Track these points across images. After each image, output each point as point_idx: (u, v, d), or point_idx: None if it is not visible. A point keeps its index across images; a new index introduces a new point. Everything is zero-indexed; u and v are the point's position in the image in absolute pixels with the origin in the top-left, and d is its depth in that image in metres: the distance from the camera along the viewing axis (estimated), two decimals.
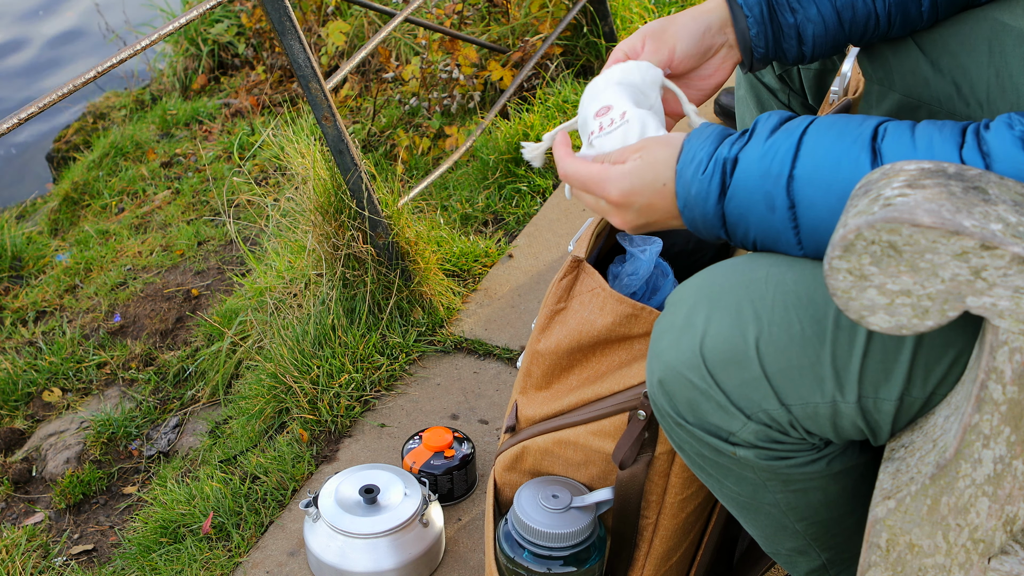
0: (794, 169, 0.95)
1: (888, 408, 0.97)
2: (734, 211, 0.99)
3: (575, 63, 3.13)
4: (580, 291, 1.23)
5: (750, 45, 1.20)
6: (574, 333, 1.23)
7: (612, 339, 1.23)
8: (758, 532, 1.16)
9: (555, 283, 1.24)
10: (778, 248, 0.99)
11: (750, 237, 1.00)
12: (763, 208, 0.97)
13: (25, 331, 2.87)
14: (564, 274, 1.24)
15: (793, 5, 1.19)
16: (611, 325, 1.21)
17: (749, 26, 1.19)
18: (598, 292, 1.22)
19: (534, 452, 1.32)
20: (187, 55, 4.28)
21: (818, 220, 0.95)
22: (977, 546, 0.89)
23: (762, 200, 0.96)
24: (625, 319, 1.21)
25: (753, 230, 0.99)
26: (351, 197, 2.04)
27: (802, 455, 1.03)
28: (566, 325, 1.24)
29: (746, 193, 0.97)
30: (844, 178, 0.93)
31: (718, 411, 1.01)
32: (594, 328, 1.22)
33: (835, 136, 0.95)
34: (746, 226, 0.99)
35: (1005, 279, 0.77)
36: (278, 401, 2.03)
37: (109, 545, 2.12)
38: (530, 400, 1.31)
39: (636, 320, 1.20)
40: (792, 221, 0.96)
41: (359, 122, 3.40)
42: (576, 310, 1.23)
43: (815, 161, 0.95)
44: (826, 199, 0.93)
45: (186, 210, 3.32)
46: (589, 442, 1.28)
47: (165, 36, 1.73)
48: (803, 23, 1.19)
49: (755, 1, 1.18)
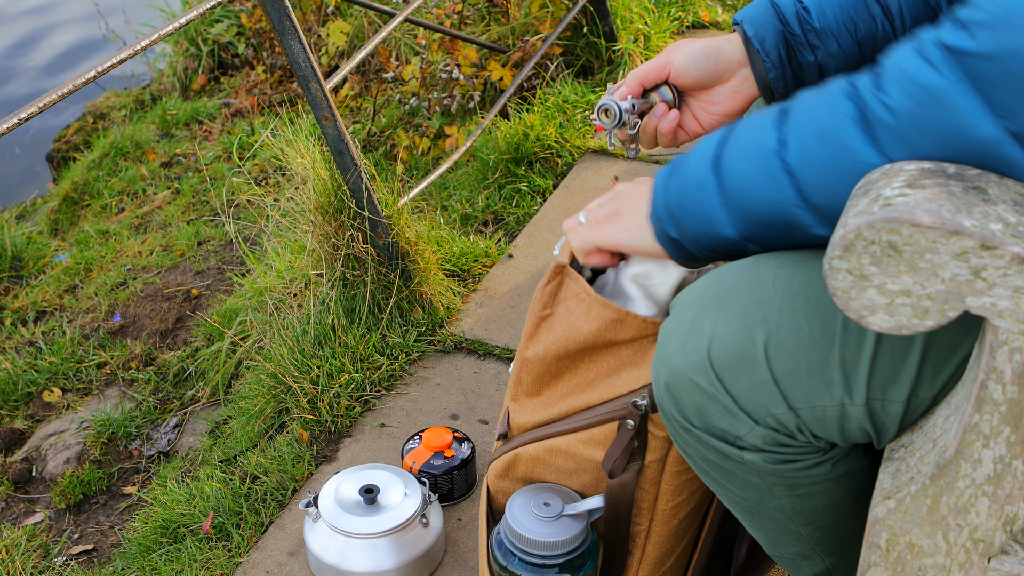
0: (722, 150, 1.01)
1: (896, 410, 0.97)
2: (673, 194, 1.04)
3: (575, 63, 3.13)
4: (565, 296, 1.23)
5: (769, 86, 1.20)
6: (561, 339, 1.23)
7: (599, 345, 1.22)
8: (763, 536, 1.16)
9: (540, 289, 1.24)
10: (713, 228, 1.03)
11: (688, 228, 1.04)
12: (694, 188, 1.03)
13: (25, 331, 2.87)
14: (548, 280, 1.23)
15: (813, 42, 1.17)
16: (597, 331, 1.21)
17: (767, 70, 1.19)
18: (583, 297, 1.21)
19: (526, 460, 1.33)
20: (187, 55, 4.28)
21: (737, 184, 0.99)
22: (977, 546, 0.89)
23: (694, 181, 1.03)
24: (611, 324, 1.20)
25: (687, 217, 1.04)
26: (351, 197, 2.04)
27: (808, 458, 1.03)
28: (553, 331, 1.24)
29: (684, 177, 1.04)
30: (757, 135, 0.98)
31: (725, 415, 1.01)
32: (580, 334, 1.22)
33: (754, 119, 1.01)
34: (683, 211, 1.04)
35: (1005, 279, 0.77)
36: (278, 401, 2.03)
37: (109, 545, 2.12)
38: (521, 407, 1.32)
39: (622, 325, 1.20)
40: (720, 195, 1.01)
41: (359, 122, 3.40)
42: (562, 316, 1.23)
43: (738, 137, 1.00)
44: (741, 163, 0.99)
45: (186, 210, 3.32)
46: (580, 451, 1.28)
47: (165, 36, 1.73)
48: (824, 60, 1.18)
49: (772, 45, 1.17)
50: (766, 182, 0.96)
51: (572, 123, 2.81)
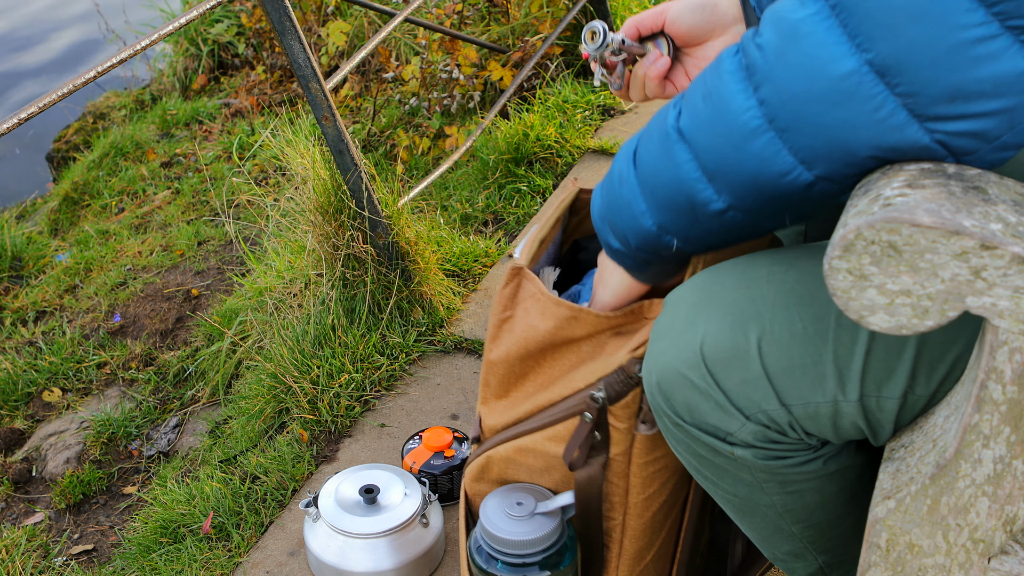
0: (638, 141, 1.05)
1: (891, 406, 0.96)
2: (605, 198, 1.08)
3: (575, 63, 3.13)
4: (523, 298, 1.25)
5: None
6: (521, 340, 1.24)
7: (557, 343, 1.23)
8: (755, 535, 1.15)
9: (499, 292, 1.26)
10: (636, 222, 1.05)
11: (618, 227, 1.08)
12: (616, 183, 1.06)
13: (25, 331, 2.87)
14: (506, 282, 1.25)
15: None
16: (554, 328, 1.22)
17: None
18: (538, 297, 1.23)
19: (498, 461, 1.33)
20: (187, 55, 4.28)
21: (647, 166, 1.03)
22: (977, 546, 0.89)
23: (616, 176, 1.07)
24: (565, 322, 1.21)
25: (616, 215, 1.07)
26: (351, 197, 2.04)
27: (799, 455, 1.03)
28: (513, 333, 1.25)
29: (610, 177, 1.09)
30: (661, 114, 1.01)
31: (717, 411, 1.01)
32: (538, 333, 1.23)
33: None
34: (613, 211, 1.07)
35: (1005, 279, 0.77)
36: (278, 401, 2.03)
37: (109, 545, 2.12)
38: (491, 410, 1.32)
39: (576, 322, 1.21)
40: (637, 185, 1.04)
41: (359, 122, 3.40)
42: (521, 317, 1.24)
43: (649, 123, 1.04)
44: (648, 144, 1.02)
45: (186, 210, 3.32)
46: (546, 448, 1.29)
47: (165, 36, 1.73)
48: None
49: (768, 2, 1.18)
50: (667, 159, 0.99)
51: (572, 123, 2.81)
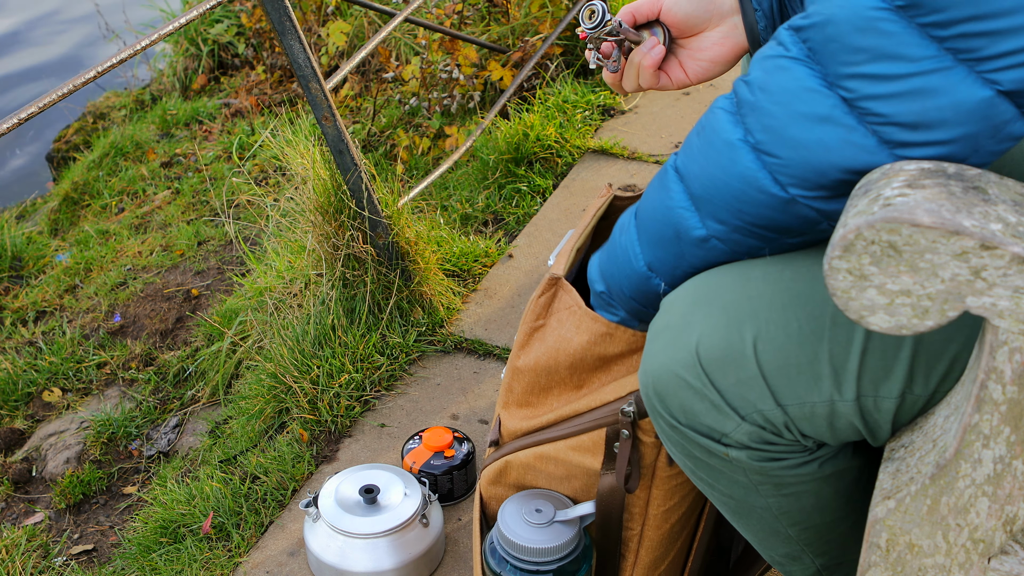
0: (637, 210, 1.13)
1: (888, 406, 0.96)
2: (606, 253, 1.17)
3: (575, 63, 3.13)
4: (558, 308, 1.24)
5: (758, 38, 1.19)
6: (552, 350, 1.25)
7: (589, 358, 1.24)
8: (752, 537, 1.15)
9: (534, 300, 1.26)
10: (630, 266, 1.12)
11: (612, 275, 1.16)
12: (618, 233, 1.14)
13: (25, 331, 2.87)
14: (542, 291, 1.25)
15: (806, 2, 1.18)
16: (587, 343, 1.22)
17: (757, 20, 1.18)
18: (575, 310, 1.23)
19: (517, 466, 1.33)
20: (187, 55, 4.28)
21: (644, 210, 1.10)
22: (977, 546, 0.89)
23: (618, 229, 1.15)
24: (600, 337, 1.21)
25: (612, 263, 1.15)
26: (351, 197, 2.04)
27: (795, 457, 1.02)
28: (544, 342, 1.25)
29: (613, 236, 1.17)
30: (654, 190, 1.08)
31: (712, 411, 1.00)
32: (571, 346, 1.23)
33: None
34: (610, 261, 1.15)
35: (1005, 279, 0.77)
36: (278, 401, 2.03)
37: (109, 545, 2.12)
38: (512, 415, 1.32)
39: (611, 339, 1.21)
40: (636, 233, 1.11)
41: (359, 122, 3.40)
42: (554, 327, 1.24)
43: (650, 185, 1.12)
44: (649, 192, 1.10)
45: (186, 210, 3.32)
46: (569, 457, 1.29)
47: (165, 36, 1.73)
48: None
49: None
50: (662, 193, 1.06)
51: (572, 123, 2.81)
